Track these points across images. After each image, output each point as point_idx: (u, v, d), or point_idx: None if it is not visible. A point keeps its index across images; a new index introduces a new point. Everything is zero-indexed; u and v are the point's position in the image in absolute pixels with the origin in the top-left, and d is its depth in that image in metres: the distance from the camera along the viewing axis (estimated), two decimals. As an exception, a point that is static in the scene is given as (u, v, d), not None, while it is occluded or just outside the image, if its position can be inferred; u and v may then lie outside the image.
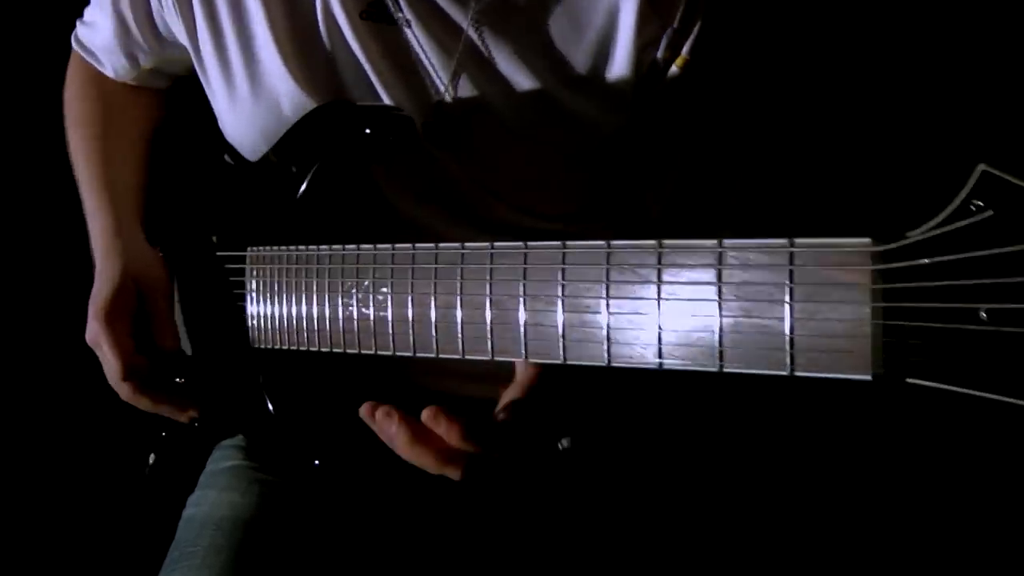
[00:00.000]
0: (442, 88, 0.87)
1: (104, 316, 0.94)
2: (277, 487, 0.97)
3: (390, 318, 0.76)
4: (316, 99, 0.89)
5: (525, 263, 0.65)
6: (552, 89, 0.86)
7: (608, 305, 0.60)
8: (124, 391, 0.95)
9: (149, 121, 1.09)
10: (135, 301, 0.97)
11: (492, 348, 0.67)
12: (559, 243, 0.63)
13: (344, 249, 0.80)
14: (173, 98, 1.14)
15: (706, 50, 0.85)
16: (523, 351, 0.65)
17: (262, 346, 0.91)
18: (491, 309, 0.67)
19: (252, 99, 0.92)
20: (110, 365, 0.94)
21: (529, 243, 0.65)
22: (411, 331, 0.74)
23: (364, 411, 0.67)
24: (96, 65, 1.08)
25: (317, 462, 0.92)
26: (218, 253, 1.00)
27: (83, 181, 1.04)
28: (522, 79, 0.86)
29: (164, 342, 0.98)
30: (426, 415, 0.63)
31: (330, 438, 0.92)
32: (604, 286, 0.60)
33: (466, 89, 0.88)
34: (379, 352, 0.78)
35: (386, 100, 0.90)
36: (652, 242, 0.58)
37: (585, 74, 0.86)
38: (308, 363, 0.86)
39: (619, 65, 0.84)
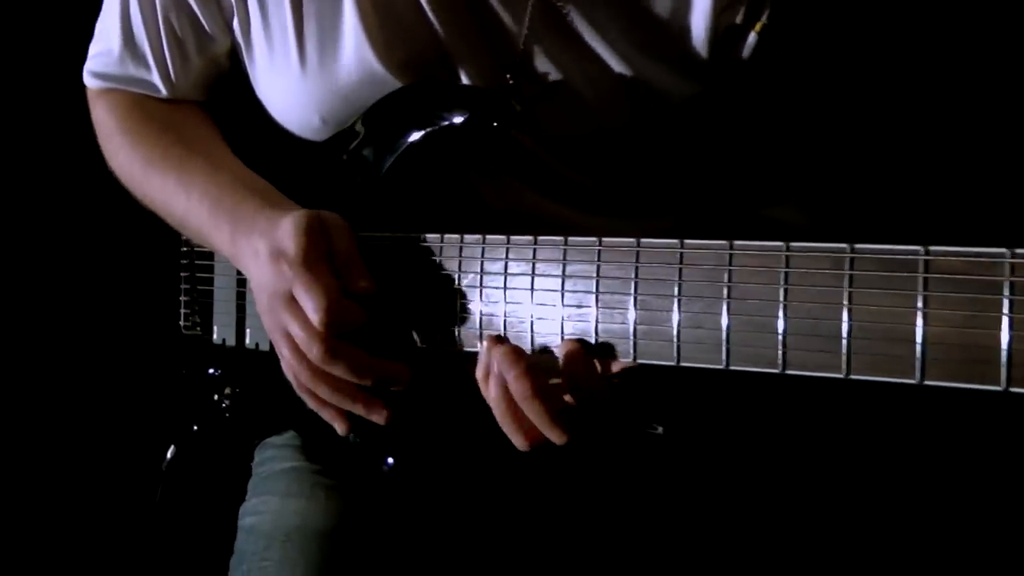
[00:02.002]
0: (514, 60, 0.82)
1: (302, 257, 0.73)
2: (345, 491, 0.91)
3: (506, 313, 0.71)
4: (391, 70, 0.82)
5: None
6: (626, 54, 0.82)
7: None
8: (323, 350, 0.73)
9: (214, 127, 0.96)
10: (326, 241, 0.76)
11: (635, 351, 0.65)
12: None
13: (463, 240, 0.75)
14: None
15: (785, 15, 0.81)
16: (675, 355, 0.62)
17: None
18: (636, 310, 0.64)
19: (319, 70, 0.85)
20: (314, 307, 0.72)
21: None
22: (530, 330, 0.71)
23: (488, 341, 0.67)
24: (135, 88, 0.96)
25: (391, 460, 0.87)
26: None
27: (193, 204, 0.86)
28: (596, 44, 0.82)
29: (358, 283, 0.76)
30: (571, 348, 0.65)
31: (402, 431, 0.85)
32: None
33: (538, 59, 0.83)
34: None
35: (463, 76, 0.84)
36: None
37: (661, 38, 0.82)
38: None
39: (696, 28, 0.81)
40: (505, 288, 0.72)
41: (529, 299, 0.70)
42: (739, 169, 0.90)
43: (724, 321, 0.60)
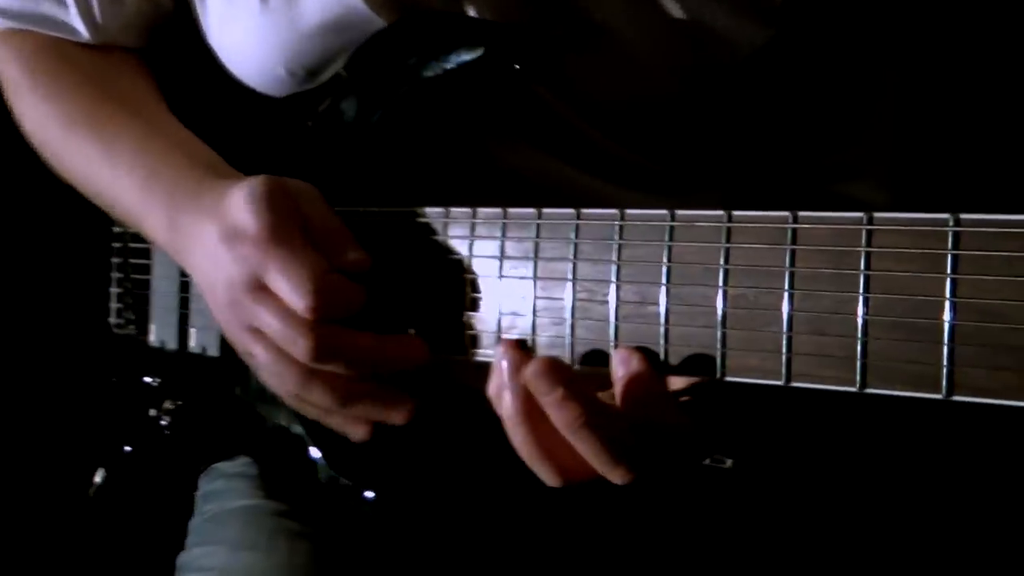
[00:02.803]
0: None
1: (269, 231, 0.57)
2: (315, 539, 0.73)
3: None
4: (372, 4, 0.65)
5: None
6: None
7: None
8: (313, 343, 0.56)
9: (151, 82, 0.79)
10: (295, 209, 0.60)
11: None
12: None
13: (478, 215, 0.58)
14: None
15: None
16: (785, 370, 0.45)
17: None
18: (727, 307, 0.47)
19: (284, 5, 0.67)
20: (296, 288, 0.56)
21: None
22: (570, 334, 0.53)
23: (504, 347, 0.51)
24: (49, 30, 0.78)
25: (371, 495, 0.70)
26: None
27: (120, 177, 0.70)
28: None
29: (347, 255, 0.60)
30: (630, 360, 0.50)
31: (386, 458, 0.69)
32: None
33: None
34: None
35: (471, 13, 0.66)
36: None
37: None
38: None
39: None
40: (536, 279, 0.54)
41: (569, 292, 0.53)
42: (810, 136, 0.73)
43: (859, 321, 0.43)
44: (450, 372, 0.63)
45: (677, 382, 0.53)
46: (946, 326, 0.40)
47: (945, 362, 0.40)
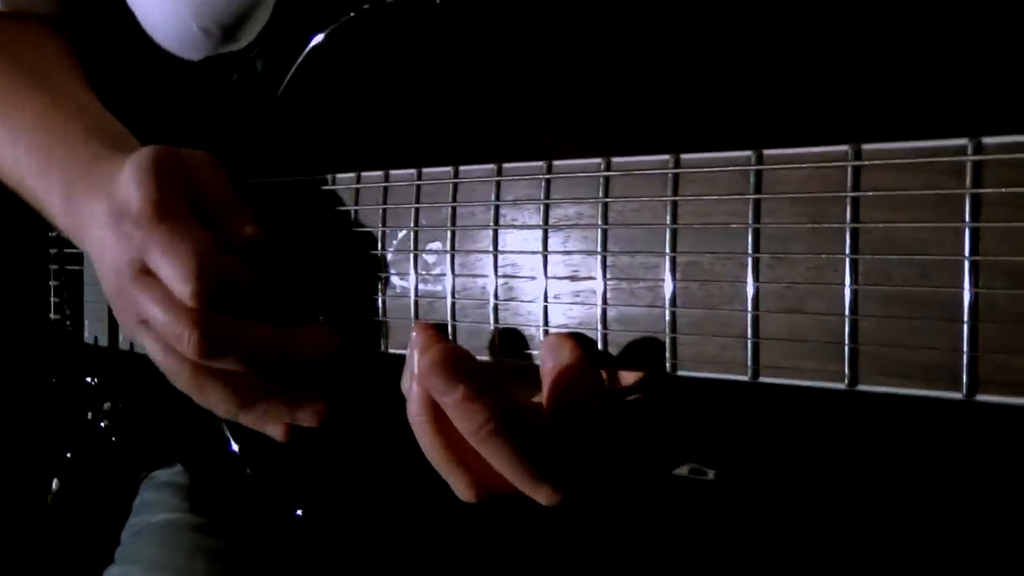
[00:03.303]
0: None
1: (152, 208, 0.49)
2: (235, 559, 0.63)
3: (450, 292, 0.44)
4: None
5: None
6: None
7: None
8: (199, 336, 0.48)
9: (66, 51, 0.72)
10: (185, 182, 0.52)
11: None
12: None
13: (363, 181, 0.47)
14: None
15: None
16: (750, 362, 0.34)
17: None
18: (676, 280, 0.36)
19: None
20: (178, 272, 0.48)
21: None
22: (492, 319, 0.42)
23: (417, 332, 0.40)
24: None
25: (299, 512, 0.61)
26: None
27: (20, 156, 0.63)
28: None
29: (242, 229, 0.52)
30: (560, 348, 0.39)
31: (318, 476, 0.61)
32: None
33: None
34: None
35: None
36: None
37: None
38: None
39: None
40: (453, 252, 0.44)
41: (491, 268, 0.42)
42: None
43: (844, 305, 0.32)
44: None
45: (623, 378, 0.42)
46: (965, 296, 0.28)
47: (965, 347, 0.29)
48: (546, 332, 0.40)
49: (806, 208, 0.32)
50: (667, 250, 0.36)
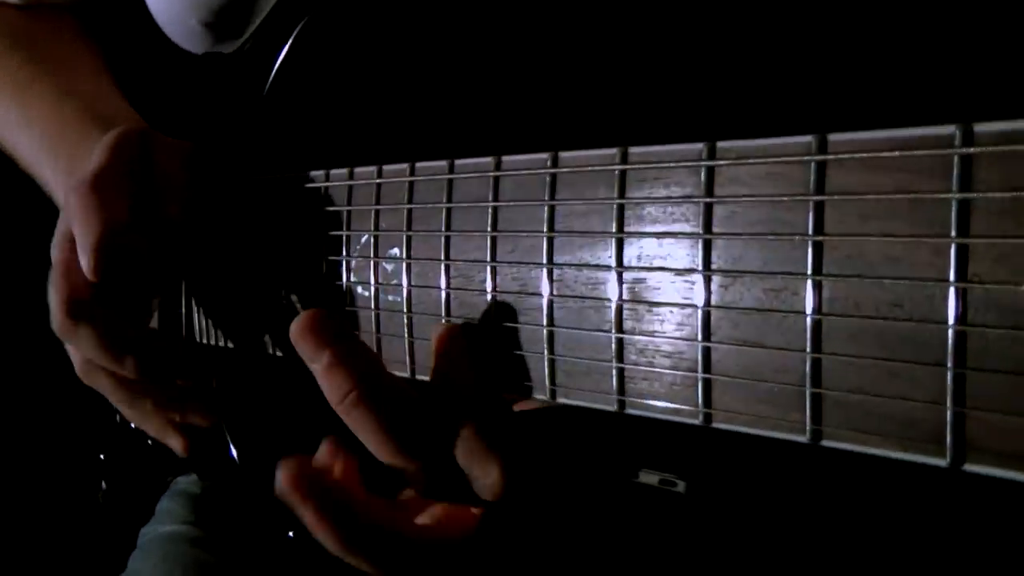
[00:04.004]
0: None
1: (91, 177, 0.49)
2: (228, 572, 0.61)
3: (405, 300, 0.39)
4: None
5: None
6: None
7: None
8: (65, 314, 0.48)
9: (84, 41, 0.73)
10: (141, 160, 0.53)
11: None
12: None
13: (328, 180, 0.44)
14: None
15: None
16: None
17: (209, 342, 0.58)
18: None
19: None
20: (82, 241, 0.47)
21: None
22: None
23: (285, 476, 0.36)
24: None
25: (292, 534, 0.57)
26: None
27: (35, 143, 0.65)
28: None
29: (168, 207, 0.52)
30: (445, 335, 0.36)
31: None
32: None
33: None
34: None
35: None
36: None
37: None
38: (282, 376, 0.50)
39: None
40: (409, 260, 0.39)
41: (443, 279, 0.37)
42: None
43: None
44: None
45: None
46: (950, 333, 0.21)
47: (950, 400, 0.22)
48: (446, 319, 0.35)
49: (762, 214, 0.26)
50: (613, 264, 0.30)
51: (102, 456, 0.82)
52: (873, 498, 0.50)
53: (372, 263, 0.41)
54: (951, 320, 0.21)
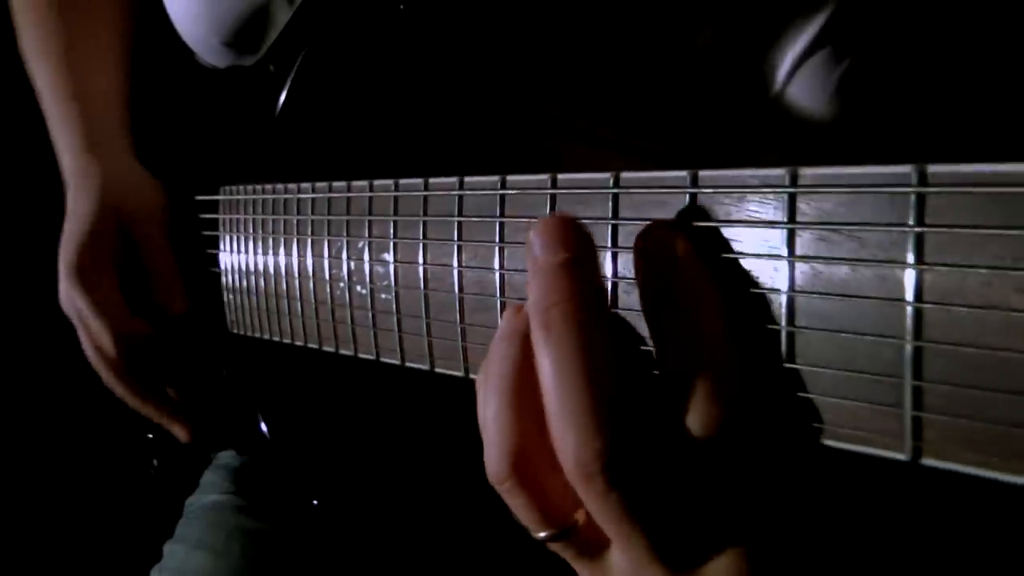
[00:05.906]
0: None
1: (77, 268, 0.67)
2: (265, 541, 0.68)
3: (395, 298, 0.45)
4: None
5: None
6: None
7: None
8: (110, 370, 0.71)
9: (122, 19, 0.79)
10: (121, 244, 0.69)
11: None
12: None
13: (331, 190, 0.49)
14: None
15: None
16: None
17: (241, 332, 0.65)
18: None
19: None
20: (95, 332, 0.68)
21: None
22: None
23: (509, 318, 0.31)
24: None
25: (316, 502, 0.64)
26: (196, 197, 0.71)
27: (45, 90, 0.76)
28: None
29: (168, 301, 0.70)
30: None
31: (336, 469, 0.65)
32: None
33: None
34: (382, 359, 0.47)
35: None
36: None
37: None
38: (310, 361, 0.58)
39: None
40: (396, 267, 0.45)
41: (422, 283, 0.43)
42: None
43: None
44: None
45: None
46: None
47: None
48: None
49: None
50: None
51: (150, 436, 0.90)
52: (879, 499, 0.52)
53: (367, 265, 0.47)
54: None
